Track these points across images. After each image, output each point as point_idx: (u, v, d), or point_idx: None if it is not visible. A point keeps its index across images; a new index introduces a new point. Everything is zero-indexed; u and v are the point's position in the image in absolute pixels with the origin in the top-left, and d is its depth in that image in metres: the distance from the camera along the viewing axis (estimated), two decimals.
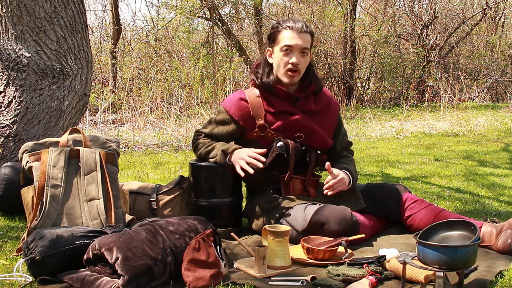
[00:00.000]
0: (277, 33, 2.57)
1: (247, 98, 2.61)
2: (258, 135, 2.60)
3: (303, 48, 2.54)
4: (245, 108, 2.60)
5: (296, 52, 2.52)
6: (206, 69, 9.30)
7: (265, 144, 2.57)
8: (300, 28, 2.52)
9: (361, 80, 12.01)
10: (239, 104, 2.60)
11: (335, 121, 2.76)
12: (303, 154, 2.58)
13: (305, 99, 2.64)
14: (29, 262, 1.97)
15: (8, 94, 3.12)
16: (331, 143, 2.71)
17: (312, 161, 2.60)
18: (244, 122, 2.60)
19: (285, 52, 2.53)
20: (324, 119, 2.69)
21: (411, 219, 2.55)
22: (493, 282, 1.98)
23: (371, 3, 12.51)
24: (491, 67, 12.38)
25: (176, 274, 1.96)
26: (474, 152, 5.44)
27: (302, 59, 2.55)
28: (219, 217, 2.63)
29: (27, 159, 2.47)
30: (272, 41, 2.60)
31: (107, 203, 2.43)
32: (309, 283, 1.96)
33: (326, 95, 2.75)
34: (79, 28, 3.31)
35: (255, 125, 2.59)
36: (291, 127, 2.58)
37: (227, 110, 2.62)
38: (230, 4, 10.77)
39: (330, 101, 2.74)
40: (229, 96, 2.74)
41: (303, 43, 2.53)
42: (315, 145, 2.65)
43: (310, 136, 2.62)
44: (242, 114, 2.59)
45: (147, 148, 5.70)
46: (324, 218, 2.36)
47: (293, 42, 2.52)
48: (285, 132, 2.58)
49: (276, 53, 2.58)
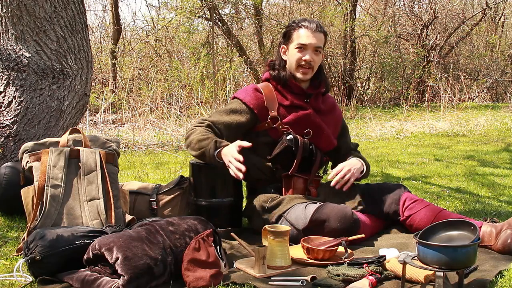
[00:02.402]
0: (292, 31, 2.65)
1: (261, 89, 2.67)
2: (269, 127, 2.62)
3: (317, 47, 2.63)
4: (260, 98, 2.64)
5: (310, 50, 2.62)
6: (206, 69, 9.30)
7: (275, 136, 2.61)
8: (315, 28, 2.62)
9: (361, 80, 12.01)
10: (255, 94, 2.65)
11: (339, 123, 2.84)
12: (310, 152, 2.61)
13: (315, 97, 2.72)
14: (29, 262, 1.97)
15: (8, 94, 3.13)
16: (335, 143, 2.76)
17: (318, 160, 2.63)
18: (258, 111, 2.62)
19: (299, 50, 2.62)
20: (330, 119, 2.76)
21: (410, 219, 2.55)
22: (493, 282, 1.98)
23: (371, 3, 12.50)
24: (491, 67, 12.38)
25: (176, 274, 1.97)
26: (474, 152, 5.44)
27: (315, 57, 2.64)
28: (219, 217, 2.63)
29: (27, 159, 2.47)
30: (287, 39, 2.68)
31: (107, 203, 2.43)
32: (309, 283, 1.96)
33: (332, 99, 2.85)
34: (79, 28, 3.31)
35: (267, 116, 2.62)
36: (302, 121, 2.64)
37: (241, 99, 2.63)
38: (230, 4, 10.77)
39: (335, 104, 2.86)
40: (241, 89, 2.77)
41: (317, 42, 2.62)
42: (322, 143, 2.70)
43: (318, 134, 2.67)
44: (257, 103, 2.62)
45: (147, 148, 5.70)
46: (325, 216, 2.36)
47: (308, 41, 2.61)
48: (295, 126, 2.63)
49: (290, 50, 2.66)
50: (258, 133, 2.63)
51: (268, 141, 2.61)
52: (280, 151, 2.57)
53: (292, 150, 2.55)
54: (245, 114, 2.61)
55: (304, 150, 2.57)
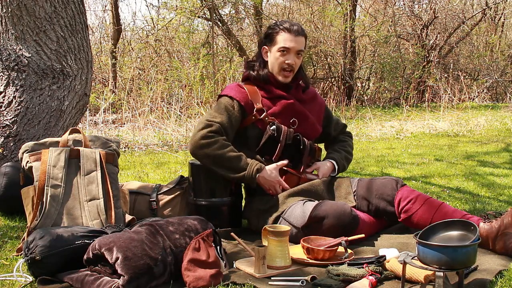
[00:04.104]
0: (275, 34, 2.70)
1: (243, 85, 2.75)
2: (256, 119, 2.67)
3: (299, 50, 2.69)
4: (244, 92, 2.71)
5: (292, 53, 2.68)
6: (206, 69, 9.30)
7: (263, 127, 2.66)
8: (297, 31, 2.68)
9: (361, 80, 12.01)
10: (238, 89, 2.72)
11: (322, 110, 2.91)
12: (295, 141, 2.66)
13: (296, 89, 2.79)
14: (29, 262, 1.97)
15: (8, 94, 3.13)
16: (320, 130, 2.86)
17: (307, 149, 2.68)
18: (245, 104, 2.67)
19: (282, 53, 2.68)
20: (313, 107, 2.84)
21: (409, 220, 2.51)
22: (493, 282, 1.98)
23: (371, 3, 12.50)
24: (491, 67, 12.38)
25: (176, 274, 1.97)
26: (474, 152, 5.44)
27: (297, 60, 2.71)
28: (219, 217, 2.63)
29: (27, 159, 2.47)
30: (270, 41, 2.72)
31: (107, 203, 2.43)
32: (309, 283, 1.96)
33: (313, 89, 2.93)
34: (79, 28, 3.32)
35: (253, 109, 2.67)
36: (287, 111, 2.70)
37: (227, 94, 2.70)
38: (230, 4, 10.77)
39: (316, 94, 2.93)
40: (224, 88, 2.82)
41: (299, 46, 2.69)
42: (308, 130, 2.76)
43: (303, 121, 2.74)
44: (243, 96, 2.69)
45: (147, 148, 5.70)
46: (324, 213, 2.37)
47: (291, 45, 2.67)
48: (281, 116, 2.69)
49: (273, 53, 2.71)
50: (246, 127, 2.68)
51: (257, 133, 2.66)
52: (265, 141, 2.63)
53: (275, 138, 2.62)
54: (235, 108, 2.67)
55: (288, 138, 2.63)
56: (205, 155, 2.53)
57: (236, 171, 2.54)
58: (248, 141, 2.68)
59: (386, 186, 2.57)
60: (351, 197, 2.62)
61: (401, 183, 2.59)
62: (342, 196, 2.64)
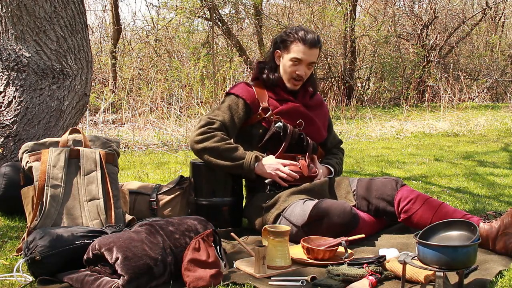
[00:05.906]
0: (289, 42, 2.70)
1: (251, 84, 2.77)
2: (261, 118, 2.68)
3: (311, 62, 2.71)
4: (251, 91, 2.73)
5: (304, 64, 2.69)
6: (206, 69, 9.30)
7: (268, 126, 2.67)
8: (312, 43, 2.67)
9: (361, 80, 12.01)
10: (245, 87, 2.74)
11: (326, 118, 2.95)
12: (299, 140, 2.67)
13: (303, 94, 2.80)
14: (29, 262, 1.97)
15: (8, 94, 3.13)
16: (325, 135, 2.89)
17: (310, 147, 2.70)
18: (251, 102, 2.69)
19: (294, 63, 2.69)
20: (319, 114, 2.86)
21: (409, 220, 2.52)
22: (493, 282, 1.98)
23: (371, 3, 12.50)
24: (491, 67, 12.38)
25: (176, 274, 1.96)
26: (474, 152, 5.44)
27: (308, 71, 2.73)
28: (219, 216, 2.63)
29: (27, 159, 2.46)
30: (284, 47, 2.73)
31: (107, 203, 2.43)
32: (309, 283, 1.96)
33: (319, 96, 2.95)
34: (79, 28, 3.31)
35: (259, 107, 2.69)
36: (293, 112, 2.72)
37: (234, 93, 2.71)
38: (230, 4, 10.77)
39: (322, 101, 2.97)
40: (232, 86, 2.85)
41: (312, 58, 2.70)
42: (314, 134, 2.77)
43: (310, 125, 2.74)
44: (249, 95, 2.71)
45: (147, 148, 5.70)
46: (324, 212, 2.37)
47: (304, 57, 2.67)
48: (286, 117, 2.70)
49: (285, 59, 2.72)
50: (252, 125, 2.70)
51: (262, 132, 2.67)
52: (268, 137, 2.64)
53: (280, 136, 2.63)
54: (241, 107, 2.68)
55: (293, 137, 2.65)
56: (203, 148, 2.56)
57: (234, 160, 2.55)
58: (252, 139, 2.70)
59: (386, 186, 2.57)
60: (350, 196, 2.62)
61: (401, 183, 2.59)
62: (342, 195, 2.65)
